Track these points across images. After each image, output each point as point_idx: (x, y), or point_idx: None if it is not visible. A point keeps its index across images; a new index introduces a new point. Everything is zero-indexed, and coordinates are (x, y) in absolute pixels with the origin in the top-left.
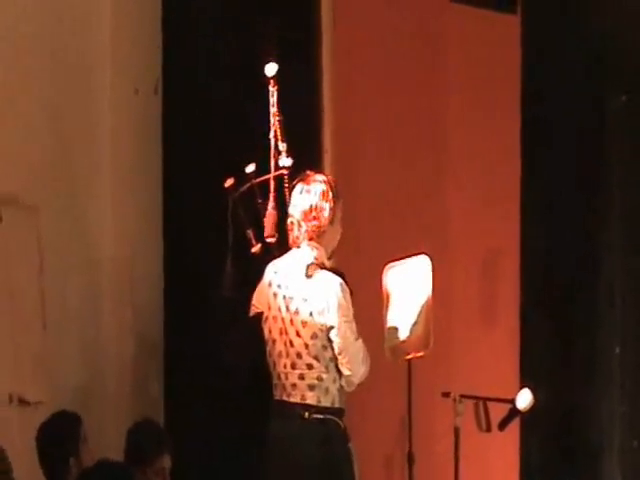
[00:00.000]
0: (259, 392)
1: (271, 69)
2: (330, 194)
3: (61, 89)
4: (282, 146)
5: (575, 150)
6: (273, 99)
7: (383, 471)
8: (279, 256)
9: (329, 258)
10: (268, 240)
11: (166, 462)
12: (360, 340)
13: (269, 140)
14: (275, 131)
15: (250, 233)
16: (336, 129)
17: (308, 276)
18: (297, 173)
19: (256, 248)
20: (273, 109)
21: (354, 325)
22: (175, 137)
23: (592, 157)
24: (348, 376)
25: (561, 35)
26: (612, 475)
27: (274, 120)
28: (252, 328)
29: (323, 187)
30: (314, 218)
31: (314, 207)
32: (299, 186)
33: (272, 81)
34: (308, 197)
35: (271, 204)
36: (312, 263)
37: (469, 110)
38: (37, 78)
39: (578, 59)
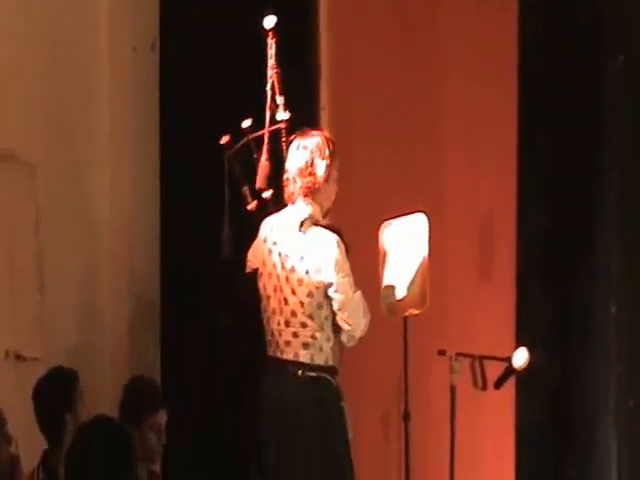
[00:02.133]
0: (254, 353)
1: (270, 21)
2: (327, 151)
3: (60, 48)
4: (280, 99)
5: (572, 112)
6: (271, 52)
7: (379, 429)
8: (275, 212)
9: (324, 216)
10: (262, 194)
11: (161, 418)
12: (359, 292)
13: (266, 93)
14: (273, 84)
15: (246, 190)
16: (333, 86)
17: (302, 231)
18: (294, 130)
19: (252, 205)
20: (271, 61)
21: (352, 279)
22: (173, 95)
23: (590, 119)
24: (349, 331)
25: None
26: (607, 434)
27: (272, 72)
28: (249, 288)
29: (320, 144)
30: (309, 174)
31: (310, 163)
32: (296, 142)
33: (270, 34)
34: (304, 153)
35: (264, 156)
36: (307, 219)
37: (466, 72)
38: (36, 37)
39: (575, 21)
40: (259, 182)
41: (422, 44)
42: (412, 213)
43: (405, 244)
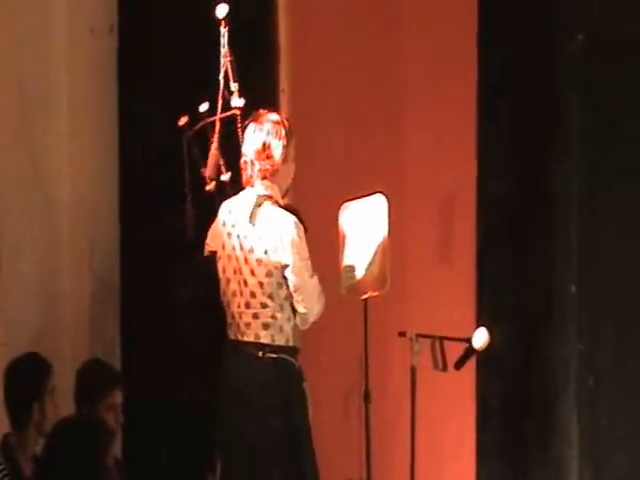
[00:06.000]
0: (214, 332)
1: (222, 10)
2: (282, 132)
3: (18, 28)
4: (234, 86)
5: (532, 89)
6: (224, 40)
7: (340, 410)
8: (233, 194)
9: (283, 196)
10: (220, 178)
11: (117, 398)
12: (315, 277)
13: (219, 82)
14: (226, 71)
15: (205, 171)
16: (292, 67)
17: (257, 205)
18: (252, 112)
19: (210, 186)
20: (224, 50)
21: (309, 263)
22: (130, 76)
23: (549, 95)
24: (303, 314)
25: None
26: (568, 413)
27: (224, 61)
28: (207, 266)
29: (276, 125)
30: (267, 157)
31: (267, 145)
32: (252, 125)
33: (223, 22)
34: (260, 135)
35: (214, 145)
36: (263, 195)
37: (426, 50)
38: None
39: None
40: (209, 171)
41: (383, 25)
42: (371, 194)
43: (365, 225)
